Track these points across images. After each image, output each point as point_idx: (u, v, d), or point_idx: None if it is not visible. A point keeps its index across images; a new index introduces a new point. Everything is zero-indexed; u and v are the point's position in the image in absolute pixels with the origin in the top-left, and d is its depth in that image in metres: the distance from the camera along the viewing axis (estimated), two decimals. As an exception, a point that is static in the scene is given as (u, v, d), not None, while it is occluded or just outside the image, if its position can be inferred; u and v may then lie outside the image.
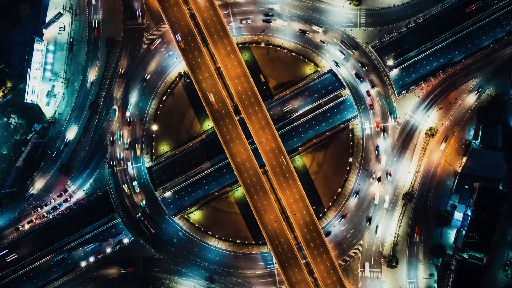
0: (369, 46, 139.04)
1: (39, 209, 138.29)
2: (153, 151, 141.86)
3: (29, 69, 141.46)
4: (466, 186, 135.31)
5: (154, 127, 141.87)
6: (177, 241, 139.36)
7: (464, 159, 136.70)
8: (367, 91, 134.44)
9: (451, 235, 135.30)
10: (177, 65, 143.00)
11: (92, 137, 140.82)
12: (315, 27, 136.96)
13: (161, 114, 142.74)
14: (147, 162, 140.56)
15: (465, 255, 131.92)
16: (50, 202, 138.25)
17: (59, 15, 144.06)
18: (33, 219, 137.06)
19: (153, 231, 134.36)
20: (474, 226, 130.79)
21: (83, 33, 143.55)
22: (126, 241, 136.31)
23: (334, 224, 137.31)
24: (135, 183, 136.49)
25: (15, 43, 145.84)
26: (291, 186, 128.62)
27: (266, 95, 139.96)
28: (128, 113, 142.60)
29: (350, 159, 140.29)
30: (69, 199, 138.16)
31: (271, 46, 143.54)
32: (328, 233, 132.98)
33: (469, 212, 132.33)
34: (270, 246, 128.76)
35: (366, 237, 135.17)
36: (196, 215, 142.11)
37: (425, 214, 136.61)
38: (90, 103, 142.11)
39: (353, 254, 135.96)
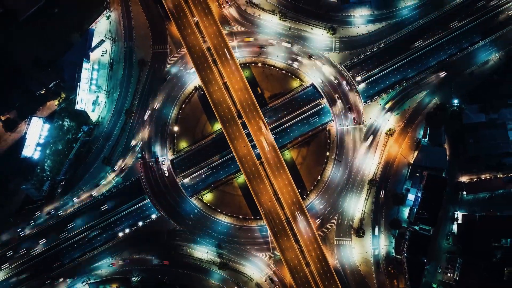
0: (341, 65, 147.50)
1: (86, 191, 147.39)
2: (174, 147, 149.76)
3: (78, 83, 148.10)
4: (417, 174, 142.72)
5: (176, 128, 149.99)
6: (193, 216, 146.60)
7: (416, 153, 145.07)
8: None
9: (406, 211, 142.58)
10: (193, 80, 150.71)
11: (128, 136, 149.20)
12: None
13: (181, 118, 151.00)
14: (170, 156, 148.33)
15: (416, 228, 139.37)
16: (95, 186, 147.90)
17: (102, 41, 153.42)
18: (82, 199, 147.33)
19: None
20: (423, 205, 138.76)
21: (121, 56, 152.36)
22: (154, 216, 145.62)
23: (315, 203, 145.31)
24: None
25: (68, 63, 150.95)
26: (281, 174, 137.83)
27: (262, 103, 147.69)
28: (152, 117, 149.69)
29: (327, 153, 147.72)
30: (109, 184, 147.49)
31: (266, 66, 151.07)
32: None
33: (419, 194, 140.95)
34: (265, 220, 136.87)
35: (340, 213, 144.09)
36: (208, 196, 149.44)
37: (385, 195, 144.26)
38: (126, 110, 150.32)
39: (329, 227, 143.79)
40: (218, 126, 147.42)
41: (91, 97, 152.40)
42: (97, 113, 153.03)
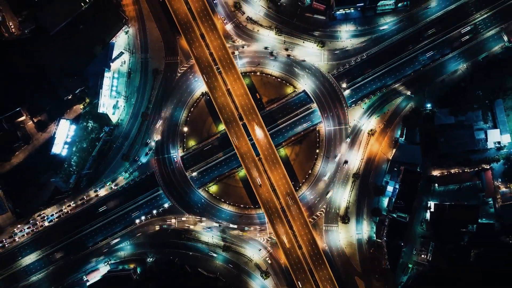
0: (329, 74, 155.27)
1: (108, 184, 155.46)
2: (184, 145, 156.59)
3: (101, 90, 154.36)
4: (395, 169, 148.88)
5: (185, 129, 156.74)
6: (200, 205, 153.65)
7: (394, 150, 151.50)
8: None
9: (385, 201, 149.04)
10: (201, 87, 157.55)
11: (143, 135, 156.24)
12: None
13: (189, 120, 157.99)
14: (180, 152, 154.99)
15: (394, 215, 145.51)
16: (115, 179, 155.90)
17: (121, 53, 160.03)
18: (104, 191, 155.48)
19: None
20: (400, 195, 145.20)
21: (137, 65, 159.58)
22: (166, 205, 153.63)
23: (306, 194, 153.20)
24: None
25: (91, 72, 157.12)
26: (277, 168, 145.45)
27: (260, 107, 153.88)
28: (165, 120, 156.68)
29: (317, 151, 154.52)
30: (127, 177, 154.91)
31: (264, 74, 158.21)
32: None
33: (397, 186, 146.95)
34: (263, 209, 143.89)
35: (328, 203, 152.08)
36: (213, 188, 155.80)
37: (367, 187, 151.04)
38: (142, 113, 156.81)
39: (319, 214, 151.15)
40: (222, 127, 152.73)
41: (112, 102, 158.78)
42: (117, 115, 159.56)
